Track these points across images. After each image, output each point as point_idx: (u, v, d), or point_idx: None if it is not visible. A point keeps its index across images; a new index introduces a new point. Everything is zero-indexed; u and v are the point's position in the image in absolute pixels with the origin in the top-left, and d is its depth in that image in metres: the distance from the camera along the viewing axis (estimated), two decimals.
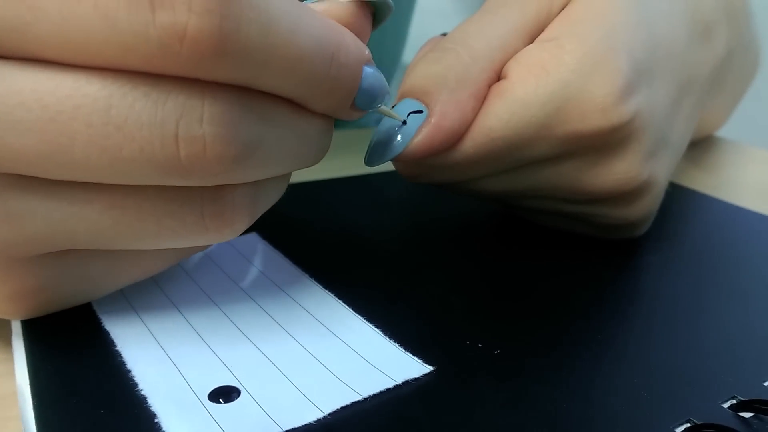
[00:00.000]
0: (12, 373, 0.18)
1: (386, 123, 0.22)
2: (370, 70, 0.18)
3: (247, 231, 0.25)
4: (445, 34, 0.25)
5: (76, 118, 0.14)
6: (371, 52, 0.18)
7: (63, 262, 0.18)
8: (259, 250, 0.24)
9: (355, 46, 0.17)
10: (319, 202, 0.30)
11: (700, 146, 0.44)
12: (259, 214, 0.19)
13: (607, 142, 0.23)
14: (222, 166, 0.15)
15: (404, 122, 0.22)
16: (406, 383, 0.17)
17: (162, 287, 0.21)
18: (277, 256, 0.24)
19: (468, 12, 0.26)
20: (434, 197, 0.31)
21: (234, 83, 0.15)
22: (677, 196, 0.33)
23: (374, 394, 0.17)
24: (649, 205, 0.25)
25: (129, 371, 0.17)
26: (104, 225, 0.16)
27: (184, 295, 0.21)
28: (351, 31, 0.18)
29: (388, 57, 0.56)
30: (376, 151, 0.22)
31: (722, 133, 0.47)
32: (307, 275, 0.23)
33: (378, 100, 0.19)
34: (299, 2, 0.16)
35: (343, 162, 0.36)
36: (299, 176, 0.32)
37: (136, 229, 0.16)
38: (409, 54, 0.63)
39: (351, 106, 0.18)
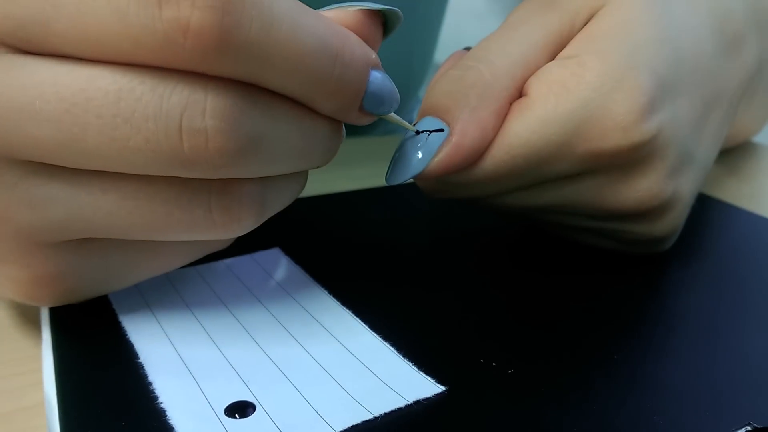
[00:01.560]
0: (36, 384, 0.19)
1: (407, 143, 0.22)
2: (377, 74, 0.18)
3: (269, 246, 0.26)
4: (468, 49, 0.25)
5: (89, 109, 0.15)
6: (403, 53, 0.18)
7: (83, 251, 0.19)
8: (281, 265, 0.25)
9: (360, 48, 0.17)
10: (342, 214, 0.30)
11: (735, 152, 0.43)
12: (269, 214, 0.19)
13: (628, 160, 0.22)
14: (223, 159, 0.16)
15: (417, 132, 0.22)
16: (417, 402, 0.18)
17: (185, 300, 0.22)
18: (298, 271, 0.24)
19: (501, 12, 0.26)
20: (457, 210, 0.31)
21: (237, 78, 0.16)
22: (708, 207, 0.33)
23: (385, 413, 0.17)
24: (673, 221, 0.25)
25: (150, 384, 0.18)
26: (119, 215, 0.17)
27: (207, 309, 0.21)
28: (359, 37, 0.18)
29: (419, 57, 0.56)
30: (397, 170, 0.22)
31: (759, 138, 0.46)
32: (325, 291, 0.23)
33: (387, 105, 0.19)
34: (303, 4, 0.16)
35: (367, 171, 0.36)
36: (322, 188, 0.33)
37: (148, 219, 0.17)
38: (441, 55, 0.63)
39: (359, 110, 0.18)
